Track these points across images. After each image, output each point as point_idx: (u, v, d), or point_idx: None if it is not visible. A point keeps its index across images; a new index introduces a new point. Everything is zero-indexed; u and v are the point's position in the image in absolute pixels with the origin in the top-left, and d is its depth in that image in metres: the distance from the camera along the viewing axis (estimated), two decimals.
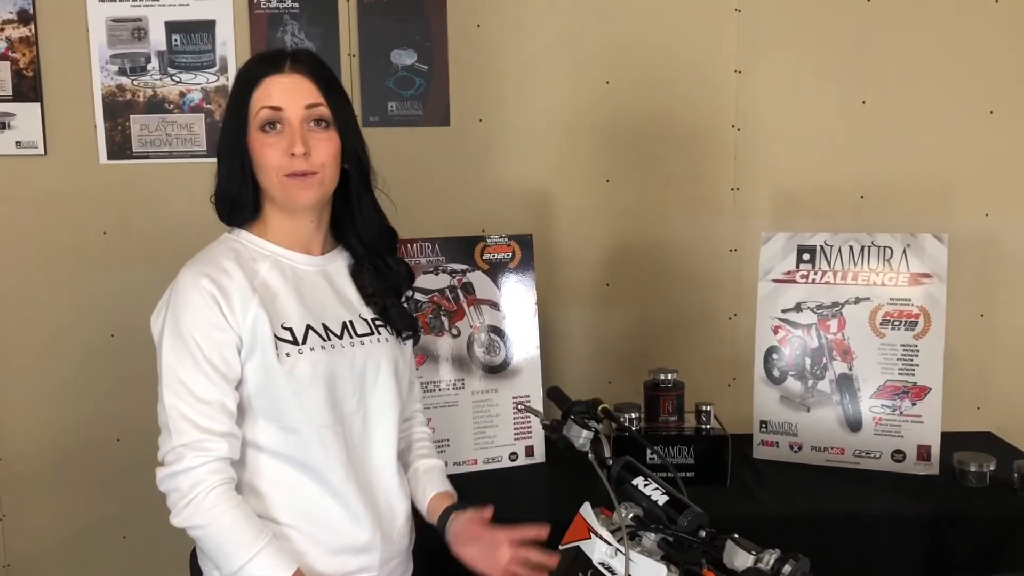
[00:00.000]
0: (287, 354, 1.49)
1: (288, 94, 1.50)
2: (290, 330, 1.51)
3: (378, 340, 1.61)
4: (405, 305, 1.71)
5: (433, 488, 1.70)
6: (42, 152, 2.54)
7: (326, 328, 1.55)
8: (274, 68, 1.52)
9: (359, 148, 1.59)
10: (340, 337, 1.56)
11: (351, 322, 1.59)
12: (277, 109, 1.50)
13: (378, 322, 1.63)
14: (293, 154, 1.49)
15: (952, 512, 1.97)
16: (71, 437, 2.63)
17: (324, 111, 1.53)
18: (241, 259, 1.53)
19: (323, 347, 1.53)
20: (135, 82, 2.53)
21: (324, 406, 1.52)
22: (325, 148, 1.52)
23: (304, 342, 1.51)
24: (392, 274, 1.67)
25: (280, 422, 1.51)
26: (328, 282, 1.61)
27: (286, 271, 1.56)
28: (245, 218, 1.57)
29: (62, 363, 2.61)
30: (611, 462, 1.48)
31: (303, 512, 1.53)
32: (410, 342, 1.70)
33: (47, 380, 2.61)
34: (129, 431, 2.64)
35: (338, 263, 1.65)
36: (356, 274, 1.65)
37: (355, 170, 1.59)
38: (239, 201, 1.55)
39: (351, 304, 1.62)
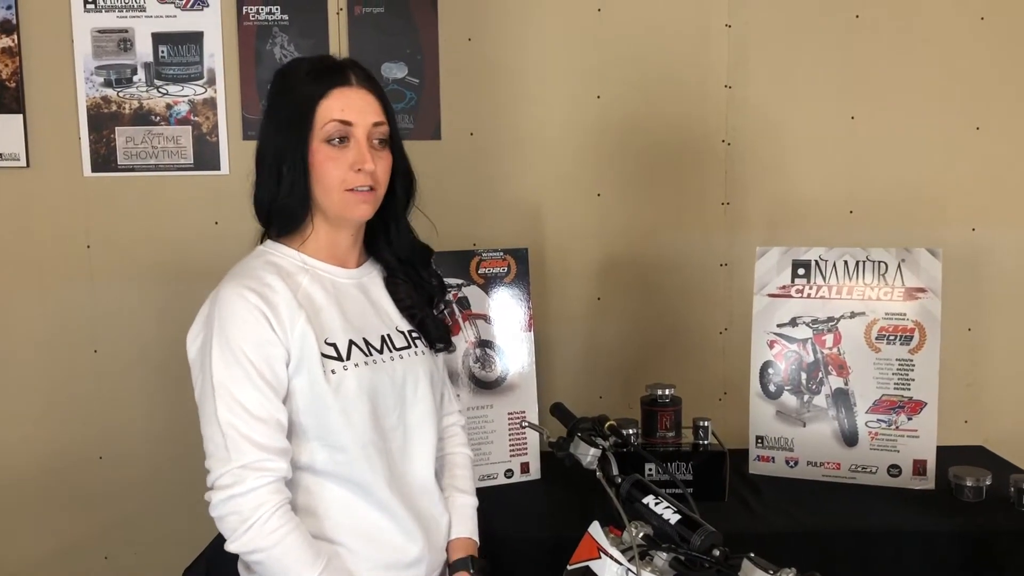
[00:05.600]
0: (332, 371, 1.47)
1: (359, 110, 1.49)
2: (334, 346, 1.49)
3: (415, 353, 1.60)
4: (437, 314, 1.70)
5: (457, 530, 1.67)
6: (24, 164, 2.49)
7: (367, 343, 1.53)
8: (341, 80, 1.50)
9: (408, 166, 1.60)
10: (380, 352, 1.54)
11: (389, 336, 1.58)
12: (348, 124, 1.48)
13: (414, 334, 1.62)
14: (359, 169, 1.48)
15: (951, 527, 1.97)
16: (52, 455, 2.58)
17: (387, 129, 1.53)
18: (282, 273, 1.50)
19: (366, 363, 1.51)
20: (121, 94, 2.49)
21: (368, 423, 1.50)
22: (383, 164, 1.53)
23: (348, 358, 1.49)
24: (425, 285, 1.67)
25: (326, 440, 1.48)
26: (365, 295, 1.59)
27: (327, 285, 1.54)
28: (291, 230, 1.54)
29: (43, 379, 2.56)
30: (619, 480, 1.47)
31: (353, 529, 1.50)
32: (442, 352, 1.70)
33: (28, 397, 2.56)
34: (112, 449, 2.59)
35: (373, 275, 1.64)
36: (392, 287, 1.64)
37: (402, 189, 1.59)
38: (297, 214, 1.52)
39: (388, 317, 1.61)
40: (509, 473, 2.28)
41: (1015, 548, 1.95)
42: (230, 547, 1.41)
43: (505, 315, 2.29)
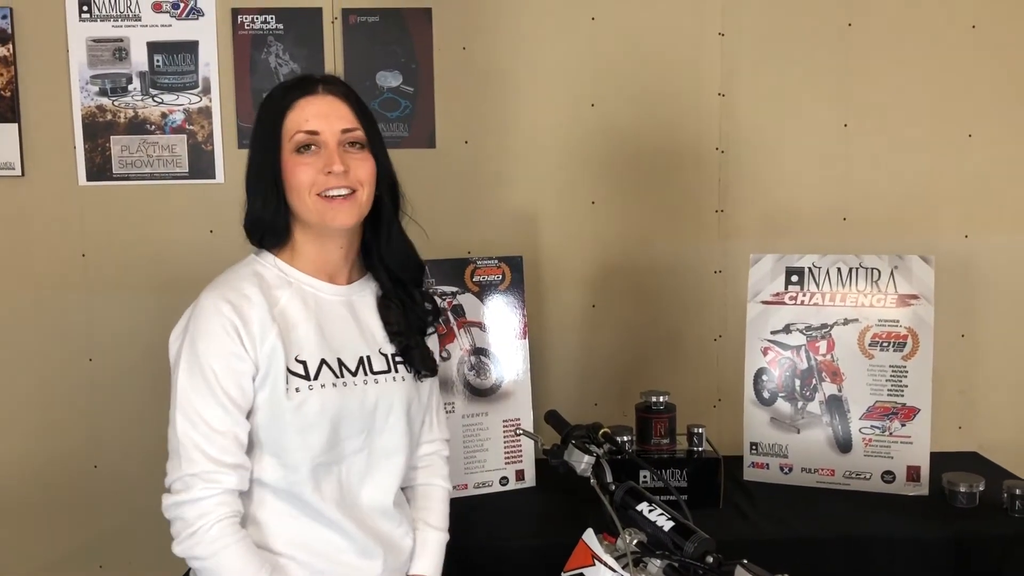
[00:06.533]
0: (296, 389, 1.46)
1: (324, 117, 1.48)
2: (303, 364, 1.48)
3: (394, 379, 1.58)
4: (428, 341, 1.67)
5: (420, 566, 1.65)
6: (19, 173, 2.50)
7: (341, 363, 1.52)
8: (307, 90, 1.50)
9: (391, 172, 1.57)
10: (354, 374, 1.53)
11: (368, 358, 1.56)
12: (313, 133, 1.48)
13: (397, 359, 1.60)
14: (330, 172, 1.46)
15: (945, 534, 1.98)
16: (47, 463, 2.58)
17: (360, 134, 1.51)
18: (264, 284, 1.50)
19: (334, 384, 1.50)
20: (116, 103, 2.50)
21: (324, 445, 1.49)
22: (363, 167, 1.50)
23: (316, 378, 1.48)
24: (418, 308, 1.64)
25: (280, 458, 1.48)
26: (351, 313, 1.57)
27: (308, 300, 1.52)
28: (276, 243, 1.54)
29: (39, 388, 2.56)
30: (613, 487, 1.48)
31: (304, 544, 1.50)
32: (428, 380, 1.67)
33: (23, 405, 2.56)
34: (107, 458, 2.59)
35: (364, 293, 1.61)
36: (383, 308, 1.61)
37: (387, 196, 1.56)
38: (273, 227, 1.52)
39: (372, 338, 1.58)
40: (504, 480, 2.28)
41: (1008, 554, 1.96)
42: (174, 550, 1.43)
43: (500, 323, 2.29)
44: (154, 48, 2.49)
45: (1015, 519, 2.04)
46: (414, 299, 1.63)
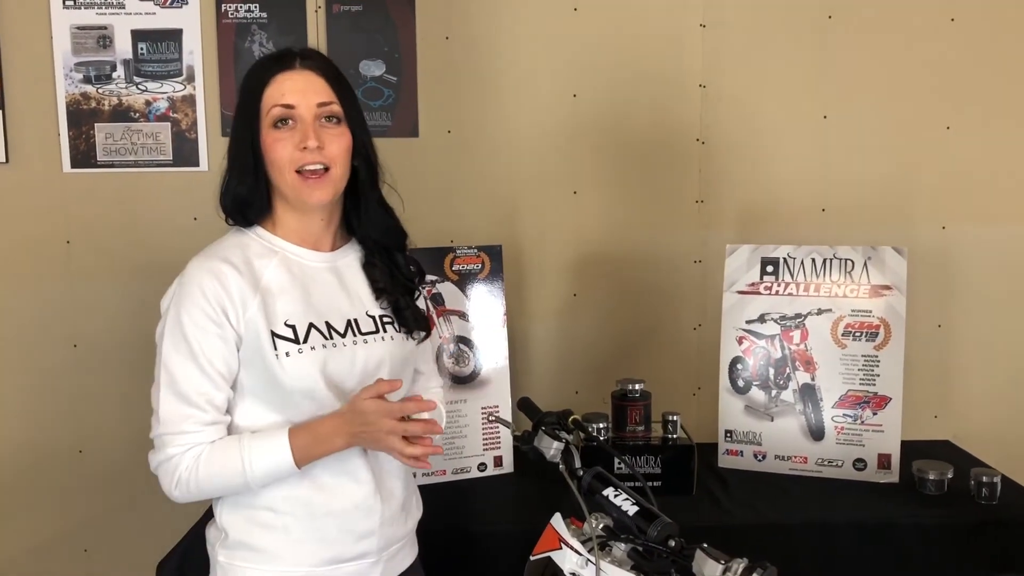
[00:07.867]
0: (287, 353, 1.50)
1: (300, 91, 1.52)
2: (292, 328, 1.52)
3: (382, 339, 1.61)
4: (418, 302, 1.72)
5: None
6: (3, 160, 2.51)
7: (329, 326, 1.56)
8: (284, 66, 1.53)
9: (368, 145, 1.61)
10: (343, 335, 1.57)
11: (356, 320, 1.59)
12: (289, 107, 1.51)
13: (386, 319, 1.64)
14: (305, 148, 1.50)
15: (912, 520, 2.02)
16: (31, 449, 2.59)
17: (336, 108, 1.54)
18: (249, 255, 1.54)
19: (324, 346, 1.54)
20: (100, 90, 2.51)
21: (334, 403, 1.53)
22: (338, 143, 1.54)
23: (305, 341, 1.52)
24: (402, 270, 1.68)
25: (286, 415, 1.53)
26: (337, 278, 1.61)
27: (294, 268, 1.56)
28: (259, 216, 1.58)
29: (23, 374, 2.58)
30: (581, 473, 1.51)
31: (302, 500, 1.54)
32: (423, 343, 1.73)
33: (7, 391, 2.58)
34: (91, 443, 2.61)
35: (349, 257, 1.65)
36: (368, 268, 1.65)
37: (364, 167, 1.60)
38: (251, 202, 1.56)
39: (359, 300, 1.62)
40: (482, 467, 2.31)
41: (973, 540, 2.00)
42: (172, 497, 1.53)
43: (480, 311, 2.32)
44: (138, 36, 2.50)
45: (981, 506, 2.08)
46: (397, 263, 1.68)
